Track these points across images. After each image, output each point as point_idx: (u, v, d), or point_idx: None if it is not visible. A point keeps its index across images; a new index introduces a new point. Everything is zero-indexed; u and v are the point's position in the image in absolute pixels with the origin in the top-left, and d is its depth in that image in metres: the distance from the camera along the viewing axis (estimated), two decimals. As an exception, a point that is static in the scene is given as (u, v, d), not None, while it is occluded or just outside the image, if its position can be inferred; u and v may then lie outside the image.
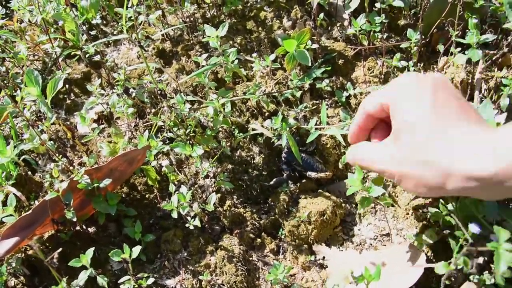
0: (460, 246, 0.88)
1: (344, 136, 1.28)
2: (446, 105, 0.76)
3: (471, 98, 1.27)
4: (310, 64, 1.33)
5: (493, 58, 1.28)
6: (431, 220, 1.19)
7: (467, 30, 1.23)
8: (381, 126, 0.91)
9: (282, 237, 1.30)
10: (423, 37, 1.38)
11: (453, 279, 1.09)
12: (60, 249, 1.05)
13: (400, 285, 1.06)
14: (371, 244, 1.25)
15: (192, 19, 1.64)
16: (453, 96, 0.78)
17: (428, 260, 1.11)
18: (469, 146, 0.70)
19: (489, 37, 1.20)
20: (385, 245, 1.23)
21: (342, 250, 1.25)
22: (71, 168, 1.28)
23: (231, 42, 1.56)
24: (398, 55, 1.36)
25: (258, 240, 1.30)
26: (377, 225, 1.28)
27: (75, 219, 1.12)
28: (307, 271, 1.24)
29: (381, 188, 1.03)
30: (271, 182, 1.35)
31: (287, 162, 1.35)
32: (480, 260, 1.07)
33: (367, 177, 1.37)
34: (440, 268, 0.92)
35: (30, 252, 1.20)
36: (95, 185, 1.14)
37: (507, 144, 0.66)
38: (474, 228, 0.80)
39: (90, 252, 1.05)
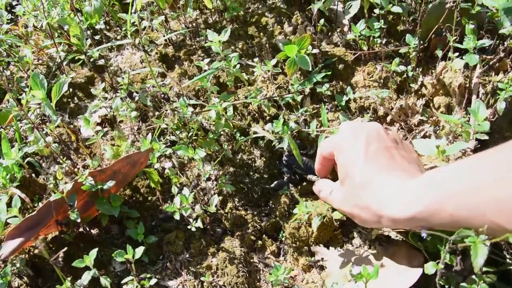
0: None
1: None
2: (375, 158, 0.94)
3: (468, 102, 1.29)
4: (310, 69, 1.35)
5: (490, 63, 1.30)
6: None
7: (464, 36, 1.25)
8: None
9: (283, 239, 1.31)
10: (421, 42, 1.40)
11: (449, 280, 1.11)
12: (65, 249, 1.06)
13: (399, 286, 1.07)
14: (371, 246, 1.26)
15: (194, 24, 1.66)
16: (384, 148, 0.96)
17: (427, 262, 1.12)
18: (392, 194, 0.88)
19: (486, 42, 1.23)
20: (384, 247, 1.24)
21: (341, 252, 1.26)
22: (75, 170, 1.30)
23: (232, 47, 1.58)
24: (397, 60, 1.38)
25: (259, 242, 1.31)
26: (377, 227, 1.29)
27: (79, 220, 1.13)
28: (307, 272, 1.25)
29: None
30: (272, 185, 1.37)
31: (287, 165, 1.37)
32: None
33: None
34: (430, 268, 0.94)
35: (35, 252, 1.21)
36: (99, 186, 1.16)
37: (416, 194, 0.84)
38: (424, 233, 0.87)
39: (93, 253, 1.06)
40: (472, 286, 0.95)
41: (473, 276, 0.95)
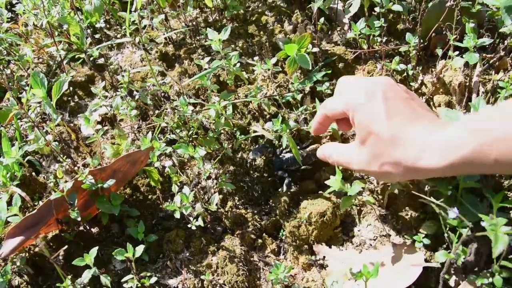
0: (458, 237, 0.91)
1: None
2: (398, 112, 0.89)
3: (469, 101, 1.29)
4: (310, 68, 1.36)
5: (490, 62, 1.30)
6: (429, 220, 1.21)
7: (464, 34, 1.25)
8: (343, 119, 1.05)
9: (283, 237, 1.32)
10: (421, 41, 1.40)
11: (452, 278, 1.11)
12: (66, 247, 1.06)
13: (399, 284, 1.08)
14: (371, 245, 1.26)
15: (194, 23, 1.66)
16: (402, 100, 0.92)
17: (427, 260, 1.13)
18: (426, 144, 0.83)
19: (486, 41, 1.23)
20: (384, 245, 1.24)
21: (342, 250, 1.27)
22: (75, 169, 1.30)
23: (233, 45, 1.58)
24: (397, 58, 1.38)
25: (259, 240, 1.31)
26: (377, 225, 1.29)
27: (79, 219, 1.13)
28: (307, 271, 1.25)
29: (359, 187, 1.07)
30: (285, 189, 1.37)
31: (279, 167, 1.37)
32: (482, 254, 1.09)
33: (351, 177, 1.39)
34: (440, 256, 0.95)
35: (35, 251, 1.21)
36: (99, 185, 1.16)
37: (454, 141, 0.79)
38: (452, 213, 0.86)
39: (93, 251, 1.06)
40: (482, 280, 0.97)
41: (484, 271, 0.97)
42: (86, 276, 1.07)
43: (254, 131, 1.37)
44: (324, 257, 1.26)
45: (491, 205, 1.00)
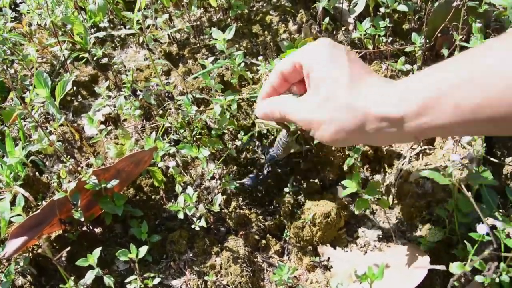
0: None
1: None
2: (359, 62, 0.86)
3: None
4: None
5: (497, 62, 1.29)
6: (434, 222, 1.20)
7: (471, 35, 1.24)
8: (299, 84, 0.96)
9: (287, 238, 1.31)
10: (427, 41, 1.39)
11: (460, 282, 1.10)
12: (69, 248, 1.06)
13: (404, 287, 1.07)
14: (375, 246, 1.25)
15: (198, 23, 1.66)
16: (359, 60, 0.88)
17: (432, 262, 1.12)
18: (383, 91, 0.79)
19: (493, 41, 1.21)
20: (389, 247, 1.24)
21: (346, 251, 1.26)
22: (78, 169, 1.30)
23: (237, 45, 1.57)
24: (402, 58, 1.37)
25: (263, 241, 1.31)
26: (381, 227, 1.28)
27: (82, 219, 1.13)
28: (311, 272, 1.25)
29: (377, 190, 1.05)
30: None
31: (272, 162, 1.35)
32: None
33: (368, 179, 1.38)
34: (455, 268, 0.93)
35: (38, 251, 1.21)
36: (103, 185, 1.15)
37: (412, 89, 0.75)
38: (482, 229, 0.83)
39: (97, 252, 1.06)
40: (488, 280, 0.95)
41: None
42: (89, 276, 1.07)
43: (259, 126, 1.36)
44: (328, 258, 1.25)
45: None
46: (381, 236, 1.27)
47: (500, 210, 1.06)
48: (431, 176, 1.00)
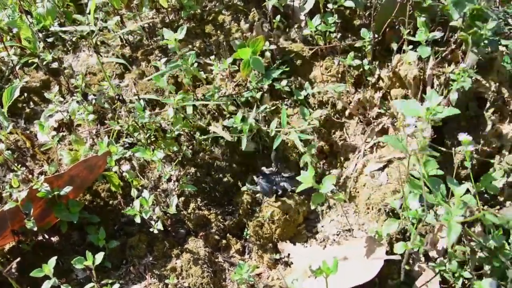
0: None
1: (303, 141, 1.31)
2: None
3: (424, 93, 1.31)
4: (264, 71, 1.37)
5: (443, 55, 1.33)
6: (389, 213, 1.23)
7: (418, 29, 1.27)
8: None
9: (247, 237, 1.31)
10: (376, 36, 1.41)
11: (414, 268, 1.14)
12: (19, 259, 1.03)
13: (362, 277, 1.09)
14: (334, 240, 1.27)
15: (151, 24, 1.64)
16: None
17: (388, 253, 1.15)
18: None
19: (437, 34, 1.25)
20: (347, 240, 1.26)
21: (306, 247, 1.27)
22: (31, 177, 1.26)
23: (190, 46, 1.56)
24: (351, 54, 1.39)
25: (224, 241, 1.31)
26: (340, 221, 1.30)
27: (35, 229, 1.10)
28: (272, 269, 1.26)
29: (332, 184, 1.07)
30: (264, 186, 1.33)
31: (267, 182, 1.35)
32: (443, 242, 1.12)
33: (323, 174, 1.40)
34: (399, 247, 0.96)
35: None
36: (56, 193, 1.13)
37: None
38: (415, 204, 0.86)
39: (52, 261, 1.03)
40: (440, 267, 0.99)
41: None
42: (45, 287, 1.04)
43: (214, 133, 1.36)
44: (288, 254, 1.26)
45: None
46: (339, 230, 1.29)
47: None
48: (387, 140, 1.03)
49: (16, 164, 1.22)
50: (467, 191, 0.91)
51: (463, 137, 0.90)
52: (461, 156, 1.25)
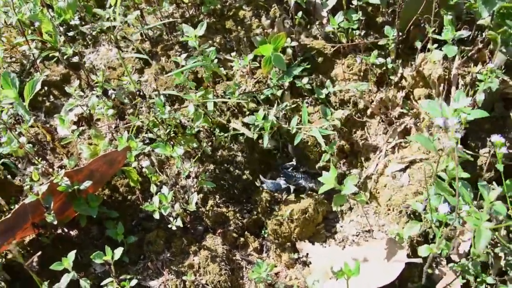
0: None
1: (325, 137, 1.29)
2: None
3: (448, 93, 1.28)
4: (285, 68, 1.35)
5: (469, 54, 1.30)
6: (411, 215, 1.21)
7: (443, 27, 1.25)
8: None
9: (265, 235, 1.30)
10: (400, 34, 1.39)
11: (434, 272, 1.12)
12: (40, 252, 1.04)
13: (382, 280, 1.07)
14: (354, 240, 1.26)
15: (171, 19, 1.63)
16: None
17: (409, 256, 1.13)
18: None
19: (464, 33, 1.22)
20: (367, 241, 1.24)
21: (325, 247, 1.26)
22: (51, 171, 1.27)
23: (210, 41, 1.55)
24: (375, 52, 1.37)
25: (242, 239, 1.30)
26: (359, 221, 1.29)
27: (55, 222, 1.11)
28: (290, 268, 1.25)
29: (354, 186, 1.05)
30: (270, 186, 1.34)
31: (286, 178, 1.34)
32: (465, 246, 1.10)
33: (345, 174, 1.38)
34: (423, 250, 0.94)
35: (11, 256, 1.18)
36: (76, 187, 1.13)
37: None
38: (444, 208, 0.84)
39: (72, 255, 1.04)
40: (461, 267, 0.97)
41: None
42: (65, 280, 1.04)
43: (234, 129, 1.35)
44: (307, 254, 1.25)
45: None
46: (359, 231, 1.28)
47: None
48: (417, 139, 1.01)
49: (36, 158, 1.23)
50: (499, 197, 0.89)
51: (496, 139, 0.87)
52: (485, 159, 1.23)
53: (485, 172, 1.23)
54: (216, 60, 1.35)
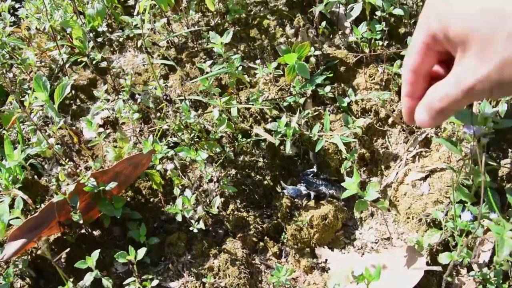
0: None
1: (346, 144, 1.31)
2: None
3: (470, 105, 1.29)
4: (309, 77, 1.37)
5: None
6: (431, 224, 1.21)
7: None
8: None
9: (285, 240, 1.32)
10: (423, 44, 1.40)
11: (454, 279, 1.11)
12: (68, 249, 1.06)
13: (401, 287, 1.08)
14: (372, 248, 1.26)
15: (196, 27, 1.67)
16: None
17: (428, 264, 1.13)
18: None
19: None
20: (386, 249, 1.24)
21: (344, 253, 1.27)
22: (77, 171, 1.30)
23: (235, 49, 1.58)
24: (398, 62, 1.38)
25: (261, 243, 1.31)
26: (378, 229, 1.29)
27: (81, 222, 1.14)
28: (309, 274, 1.25)
29: (376, 192, 1.06)
30: (291, 192, 1.35)
31: (306, 184, 1.36)
32: (485, 256, 1.10)
33: (367, 181, 1.39)
34: (444, 258, 0.95)
35: (37, 253, 1.21)
36: (101, 188, 1.16)
37: None
38: (466, 216, 0.85)
39: (95, 254, 1.07)
40: (483, 275, 0.96)
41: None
42: (88, 278, 1.07)
43: (256, 134, 1.37)
44: (326, 260, 1.26)
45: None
46: (378, 238, 1.28)
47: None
48: (442, 143, 1.01)
49: (64, 159, 1.26)
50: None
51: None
52: (506, 170, 1.22)
53: (506, 183, 1.23)
54: (240, 68, 1.38)
